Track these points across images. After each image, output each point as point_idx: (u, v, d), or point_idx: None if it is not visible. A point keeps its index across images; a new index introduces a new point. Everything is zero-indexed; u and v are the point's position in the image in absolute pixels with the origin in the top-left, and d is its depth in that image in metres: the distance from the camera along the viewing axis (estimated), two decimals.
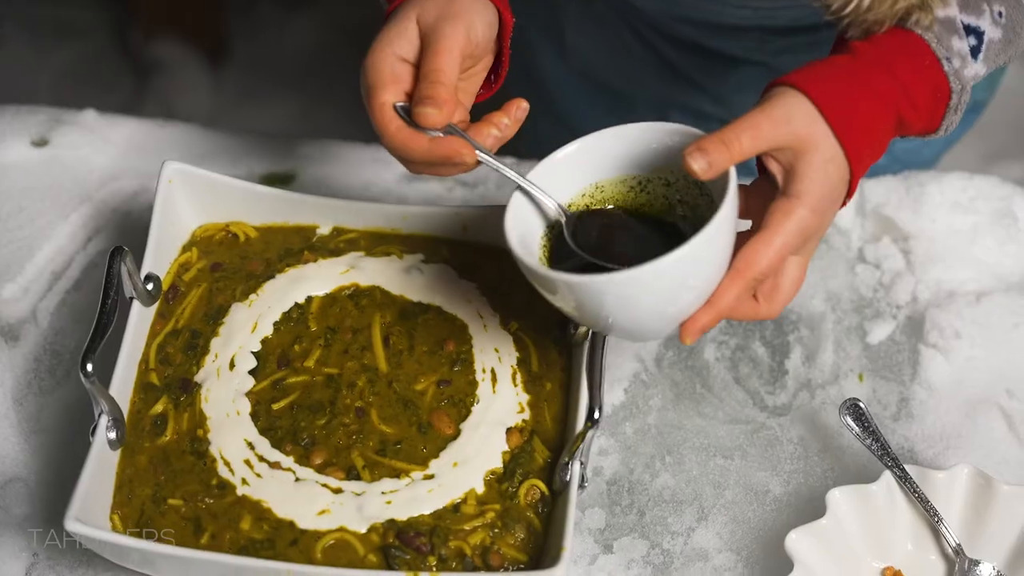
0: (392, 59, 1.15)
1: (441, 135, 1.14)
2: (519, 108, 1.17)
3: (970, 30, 1.14)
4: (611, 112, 1.73)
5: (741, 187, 1.09)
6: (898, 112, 1.11)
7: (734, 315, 1.10)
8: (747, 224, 1.13)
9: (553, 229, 1.18)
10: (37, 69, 3.05)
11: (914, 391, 1.38)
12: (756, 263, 1.06)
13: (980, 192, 1.50)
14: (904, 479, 1.24)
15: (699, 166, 1.04)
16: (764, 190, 1.11)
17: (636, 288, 1.05)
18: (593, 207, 1.18)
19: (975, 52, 1.14)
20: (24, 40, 3.10)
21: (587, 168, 1.17)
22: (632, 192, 1.18)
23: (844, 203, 1.12)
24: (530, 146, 1.73)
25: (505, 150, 1.61)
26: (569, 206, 1.18)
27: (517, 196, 1.15)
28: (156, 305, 1.29)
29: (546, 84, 1.77)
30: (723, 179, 1.07)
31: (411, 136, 1.13)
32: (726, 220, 1.05)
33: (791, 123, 1.06)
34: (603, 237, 1.15)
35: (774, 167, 1.08)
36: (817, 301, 1.44)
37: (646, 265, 1.03)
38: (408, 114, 1.14)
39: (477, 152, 1.14)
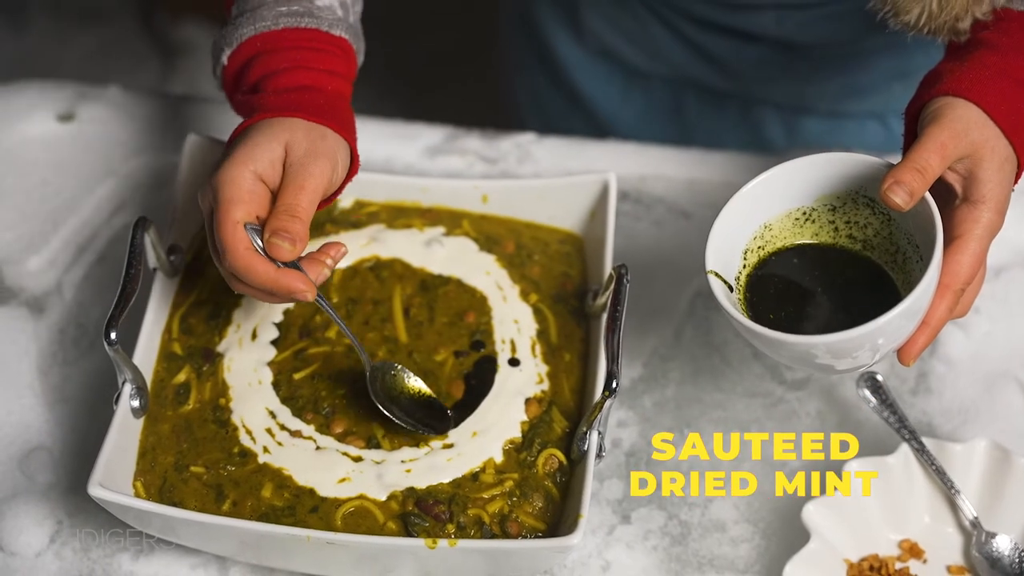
0: (252, 178, 1.12)
1: (283, 266, 1.11)
2: (338, 252, 1.15)
3: None
4: (626, 90, 1.74)
5: None
6: None
7: (942, 326, 1.11)
8: None
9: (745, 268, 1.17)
10: (63, 51, 3.07)
11: (932, 365, 1.38)
12: (961, 274, 1.08)
13: None
14: (921, 452, 1.24)
15: (900, 199, 1.05)
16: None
17: (861, 341, 1.05)
18: (763, 258, 1.17)
19: None
20: (51, 23, 3.11)
21: (758, 209, 1.16)
22: (797, 224, 1.16)
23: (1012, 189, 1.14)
24: (545, 125, 1.74)
25: (522, 126, 1.62)
26: (746, 252, 1.16)
27: (713, 244, 1.13)
28: (179, 277, 1.30)
29: (561, 63, 1.77)
30: (918, 204, 1.07)
31: (259, 261, 1.10)
32: (941, 252, 1.05)
33: (969, 134, 1.08)
34: (787, 294, 1.16)
35: (952, 177, 1.10)
36: None
37: (876, 320, 1.03)
38: (259, 236, 1.11)
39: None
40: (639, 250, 1.41)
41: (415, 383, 1.22)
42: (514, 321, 1.28)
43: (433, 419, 1.20)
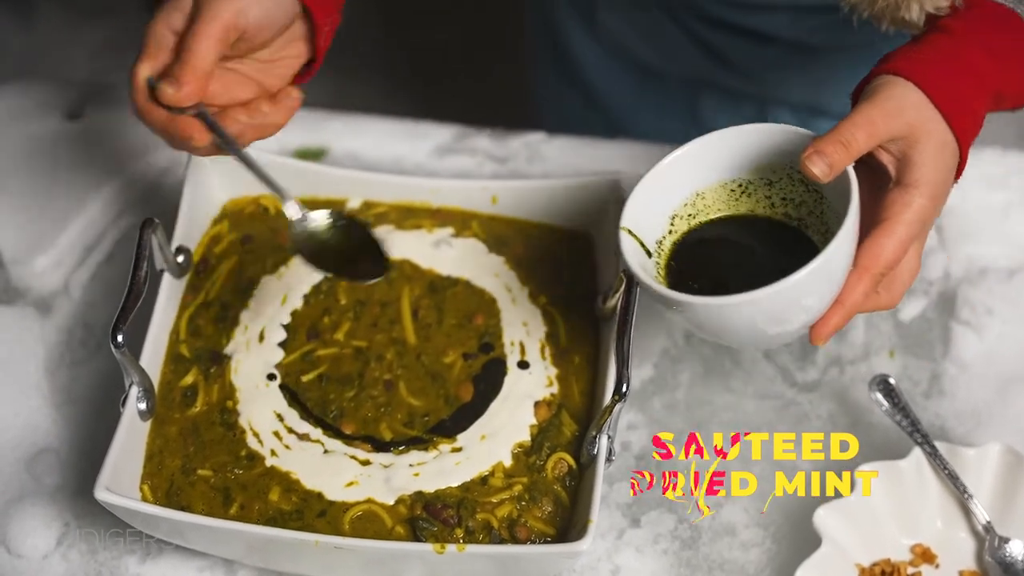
0: (162, 29, 1.10)
1: (187, 112, 1.08)
2: (289, 97, 1.12)
3: None
4: (641, 90, 1.73)
5: None
6: (997, 88, 1.11)
7: (860, 309, 1.08)
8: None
9: (666, 241, 1.15)
10: (71, 46, 3.06)
11: (945, 368, 1.37)
12: (882, 257, 1.05)
13: (1013, 168, 1.50)
14: (934, 456, 1.23)
15: (819, 169, 1.03)
16: (864, 178, 1.09)
17: (768, 304, 1.03)
18: (693, 227, 1.15)
19: None
20: (59, 17, 3.11)
21: (688, 176, 1.14)
22: (733, 196, 1.15)
23: (954, 183, 1.11)
24: (559, 123, 1.73)
25: (532, 125, 1.62)
26: (673, 218, 1.15)
27: (628, 209, 1.11)
28: (187, 278, 1.30)
29: (576, 61, 1.76)
30: (840, 178, 1.05)
31: (152, 108, 1.08)
32: (854, 224, 1.03)
33: (903, 113, 1.05)
34: (712, 261, 1.14)
35: (885, 158, 1.08)
36: None
37: (779, 283, 1.00)
38: None
39: (216, 138, 1.09)
40: None
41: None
42: (523, 323, 1.27)
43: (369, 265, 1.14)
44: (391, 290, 1.29)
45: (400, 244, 1.32)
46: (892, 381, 1.28)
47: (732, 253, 1.15)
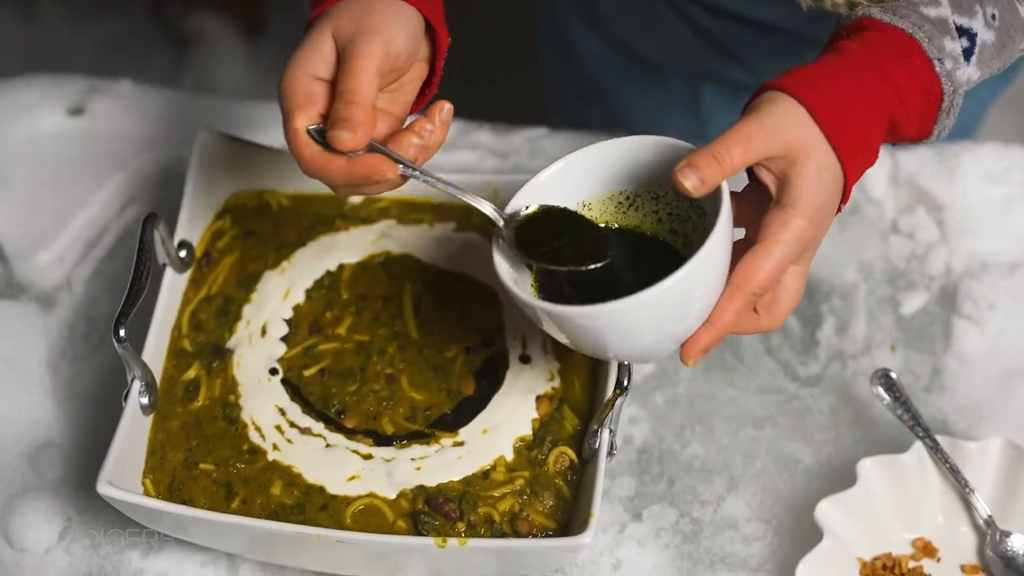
0: (306, 80, 1.08)
1: (361, 153, 1.07)
2: (442, 111, 1.09)
3: (962, 31, 1.10)
4: (643, 83, 1.73)
5: (732, 194, 1.05)
6: (890, 113, 1.07)
7: (735, 330, 1.06)
8: (741, 232, 1.10)
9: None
10: (74, 43, 3.07)
11: (947, 362, 1.37)
12: (755, 277, 1.03)
13: (1014, 163, 1.50)
14: (936, 450, 1.23)
15: (691, 183, 1.00)
16: (756, 196, 1.07)
17: (635, 315, 1.01)
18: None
19: (967, 54, 1.10)
20: (61, 14, 3.12)
21: (573, 186, 1.12)
22: (620, 208, 1.13)
23: (839, 209, 1.08)
24: (562, 117, 1.74)
25: (535, 121, 1.62)
26: None
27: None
28: (189, 272, 1.30)
29: (577, 54, 1.76)
30: (716, 193, 1.03)
31: (328, 160, 1.06)
32: (722, 238, 1.01)
33: (782, 131, 1.02)
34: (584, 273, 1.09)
35: (767, 177, 1.05)
36: (850, 272, 1.43)
37: (644, 292, 0.99)
38: (322, 135, 1.07)
39: (401, 167, 1.07)
40: None
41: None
42: (525, 317, 1.27)
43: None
44: (393, 284, 1.29)
45: (402, 239, 1.32)
46: (893, 375, 1.28)
47: (612, 265, 1.10)
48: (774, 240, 1.03)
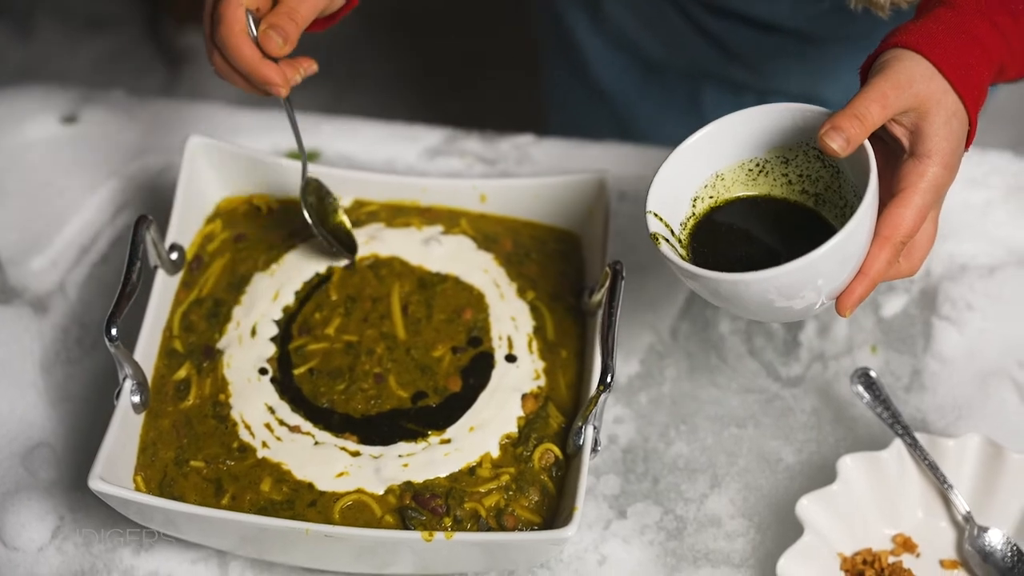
0: None
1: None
2: (310, 66, 1.20)
3: None
4: (645, 83, 1.75)
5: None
6: (1000, 60, 1.13)
7: (884, 278, 1.11)
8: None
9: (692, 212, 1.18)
10: (69, 58, 3.08)
11: (926, 363, 1.39)
12: (902, 226, 1.08)
13: (993, 167, 1.52)
14: (915, 447, 1.25)
15: (837, 144, 1.05)
16: (883, 150, 1.12)
17: (796, 278, 1.05)
18: (713, 206, 1.18)
19: None
20: (56, 30, 3.13)
21: (708, 157, 1.17)
22: (751, 176, 1.17)
23: (966, 148, 1.13)
24: (564, 116, 1.75)
25: (532, 127, 1.64)
26: (695, 199, 1.17)
27: (655, 189, 1.14)
28: (180, 275, 1.32)
29: (580, 52, 1.78)
30: (857, 152, 1.08)
31: (247, 44, 1.16)
32: (874, 196, 1.06)
33: (913, 85, 1.08)
34: (733, 238, 1.16)
35: (898, 131, 1.10)
36: None
37: (804, 257, 1.03)
38: (256, 26, 1.16)
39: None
40: (637, 250, 1.42)
41: (343, 217, 1.32)
42: (511, 318, 1.29)
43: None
44: (381, 286, 1.31)
45: (390, 241, 1.34)
46: (873, 374, 1.30)
47: (752, 235, 1.17)
48: (915, 190, 1.08)
